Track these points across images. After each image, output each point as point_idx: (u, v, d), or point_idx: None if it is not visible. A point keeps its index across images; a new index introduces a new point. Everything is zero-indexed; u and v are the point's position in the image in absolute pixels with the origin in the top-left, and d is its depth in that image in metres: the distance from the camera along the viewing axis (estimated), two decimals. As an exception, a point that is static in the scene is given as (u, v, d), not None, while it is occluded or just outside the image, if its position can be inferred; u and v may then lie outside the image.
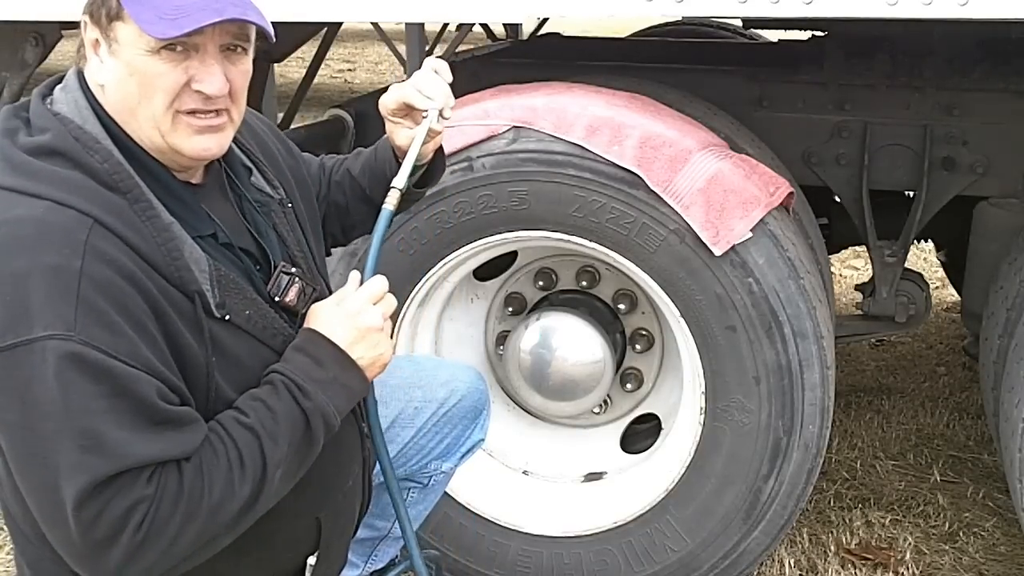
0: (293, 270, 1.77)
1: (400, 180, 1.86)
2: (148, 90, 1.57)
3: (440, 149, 2.07)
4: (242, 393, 1.62)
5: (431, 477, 2.25)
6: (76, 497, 1.42)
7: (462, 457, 2.27)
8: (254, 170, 1.84)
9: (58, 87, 1.65)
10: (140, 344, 1.47)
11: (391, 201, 1.85)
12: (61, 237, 1.46)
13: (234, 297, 1.63)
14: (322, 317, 1.71)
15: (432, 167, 2.07)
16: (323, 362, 1.65)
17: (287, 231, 1.83)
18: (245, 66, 1.66)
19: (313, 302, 1.79)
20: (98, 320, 1.44)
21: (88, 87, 1.63)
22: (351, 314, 1.70)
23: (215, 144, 1.65)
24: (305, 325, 1.71)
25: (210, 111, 1.61)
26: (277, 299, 1.73)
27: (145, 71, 1.56)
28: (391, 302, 1.76)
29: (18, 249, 1.46)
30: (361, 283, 1.75)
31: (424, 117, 1.91)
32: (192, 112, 1.60)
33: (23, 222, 1.48)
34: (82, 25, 1.61)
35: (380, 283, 1.74)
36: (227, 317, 1.61)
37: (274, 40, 1.69)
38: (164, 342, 1.53)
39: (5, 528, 1.74)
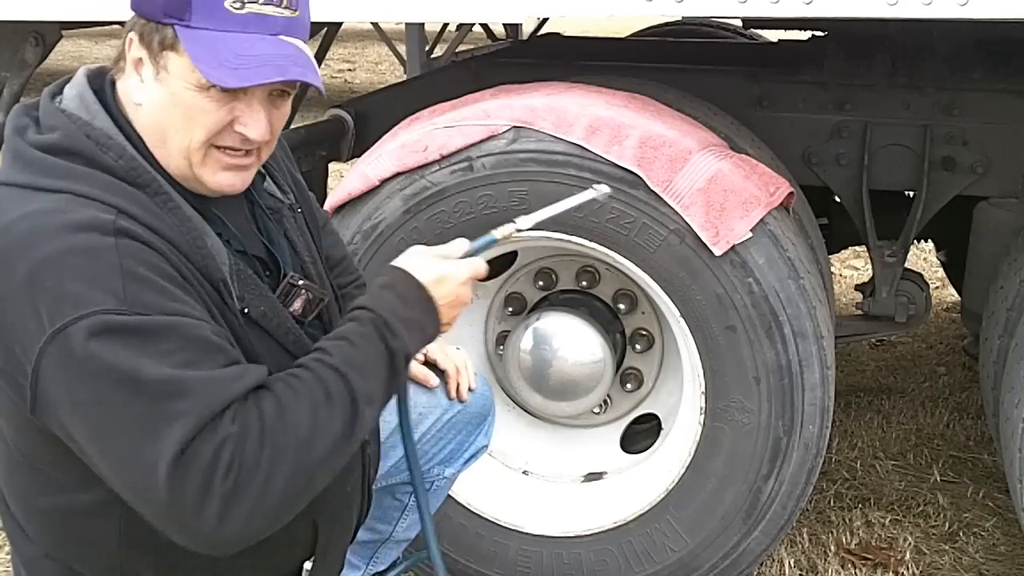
0: (300, 282, 1.77)
1: (526, 222, 1.88)
2: (190, 124, 1.56)
3: None
4: None
5: (433, 482, 2.23)
6: (175, 451, 1.38)
7: (465, 463, 2.26)
8: (266, 175, 1.84)
9: (67, 87, 1.64)
10: (190, 301, 1.48)
11: (501, 231, 1.86)
12: (88, 221, 1.45)
13: (251, 291, 1.63)
14: (425, 262, 1.74)
15: None
16: (409, 302, 1.67)
17: (297, 236, 1.84)
18: (286, 109, 1.67)
19: (320, 311, 1.79)
20: (146, 286, 1.43)
21: (104, 87, 1.62)
22: (456, 279, 1.74)
23: (239, 181, 1.65)
24: (396, 260, 1.74)
25: (243, 150, 1.62)
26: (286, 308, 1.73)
27: (191, 105, 1.55)
28: (482, 269, 1.81)
29: (45, 236, 1.44)
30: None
31: (593, 187, 1.99)
32: (226, 148, 1.60)
33: (44, 213, 1.46)
34: (126, 40, 1.58)
35: (484, 268, 1.81)
36: (246, 311, 1.61)
37: (324, 95, 1.71)
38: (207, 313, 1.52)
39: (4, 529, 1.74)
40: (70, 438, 1.48)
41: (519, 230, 1.86)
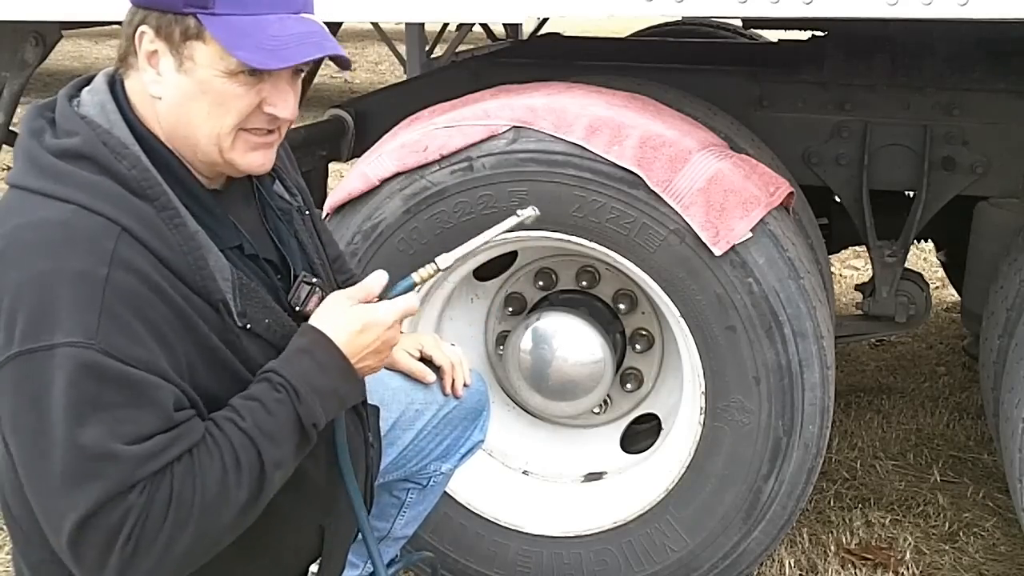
0: (314, 280, 1.77)
1: (446, 260, 1.82)
2: (220, 110, 1.57)
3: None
4: None
5: (430, 478, 2.25)
6: (84, 511, 1.42)
7: (462, 458, 2.27)
8: (275, 178, 1.84)
9: (85, 89, 1.64)
10: (160, 355, 1.48)
11: (420, 274, 1.81)
12: (88, 243, 1.46)
13: (254, 305, 1.63)
14: (345, 316, 1.67)
15: None
16: (328, 370, 1.63)
17: (307, 238, 1.84)
18: (299, 86, 1.68)
19: None
20: (120, 329, 1.44)
21: (118, 92, 1.61)
22: (382, 325, 1.68)
23: (268, 159, 1.67)
24: (316, 317, 1.68)
25: (268, 130, 1.63)
26: (298, 309, 1.73)
27: (222, 92, 1.56)
28: (412, 307, 1.75)
29: (44, 252, 1.45)
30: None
31: (517, 214, 1.90)
32: (252, 129, 1.61)
33: (50, 225, 1.47)
34: (136, 35, 1.57)
35: (413, 303, 1.75)
36: (248, 326, 1.61)
37: (351, 67, 1.73)
38: (194, 351, 1.53)
39: (5, 528, 1.74)
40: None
41: (439, 270, 1.82)
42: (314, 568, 1.90)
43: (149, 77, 1.58)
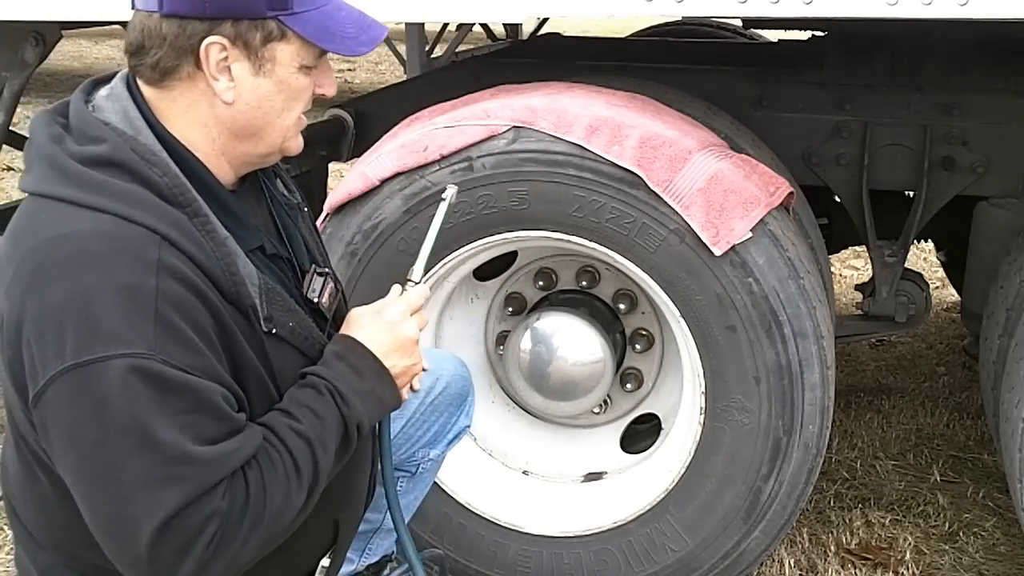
0: (327, 271, 1.81)
1: (418, 272, 1.87)
2: (292, 102, 1.65)
3: None
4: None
5: (419, 465, 2.28)
6: (166, 515, 1.42)
7: (449, 444, 2.30)
8: (276, 176, 1.86)
9: (101, 95, 1.62)
10: (212, 359, 1.49)
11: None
12: (133, 255, 1.46)
13: (279, 309, 1.64)
14: (361, 324, 1.75)
15: None
16: (363, 373, 1.69)
17: (307, 234, 1.86)
18: None
19: (338, 303, 1.83)
20: (175, 338, 1.44)
21: (137, 97, 1.59)
22: (391, 323, 1.75)
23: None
24: (343, 331, 1.74)
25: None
26: (315, 300, 1.76)
27: (296, 86, 1.63)
28: (425, 316, 1.83)
29: (89, 266, 1.44)
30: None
31: (442, 199, 1.97)
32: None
33: (91, 237, 1.46)
34: (202, 48, 1.54)
35: (420, 294, 1.82)
36: (274, 331, 1.62)
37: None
38: (231, 357, 1.55)
39: (5, 528, 1.74)
40: (53, 463, 1.50)
41: (414, 283, 1.86)
42: (325, 562, 1.91)
43: (222, 85, 1.57)
